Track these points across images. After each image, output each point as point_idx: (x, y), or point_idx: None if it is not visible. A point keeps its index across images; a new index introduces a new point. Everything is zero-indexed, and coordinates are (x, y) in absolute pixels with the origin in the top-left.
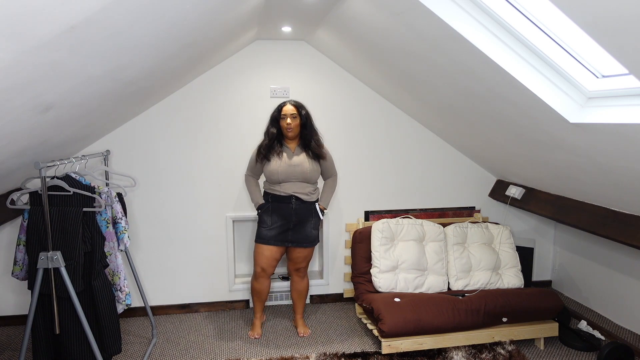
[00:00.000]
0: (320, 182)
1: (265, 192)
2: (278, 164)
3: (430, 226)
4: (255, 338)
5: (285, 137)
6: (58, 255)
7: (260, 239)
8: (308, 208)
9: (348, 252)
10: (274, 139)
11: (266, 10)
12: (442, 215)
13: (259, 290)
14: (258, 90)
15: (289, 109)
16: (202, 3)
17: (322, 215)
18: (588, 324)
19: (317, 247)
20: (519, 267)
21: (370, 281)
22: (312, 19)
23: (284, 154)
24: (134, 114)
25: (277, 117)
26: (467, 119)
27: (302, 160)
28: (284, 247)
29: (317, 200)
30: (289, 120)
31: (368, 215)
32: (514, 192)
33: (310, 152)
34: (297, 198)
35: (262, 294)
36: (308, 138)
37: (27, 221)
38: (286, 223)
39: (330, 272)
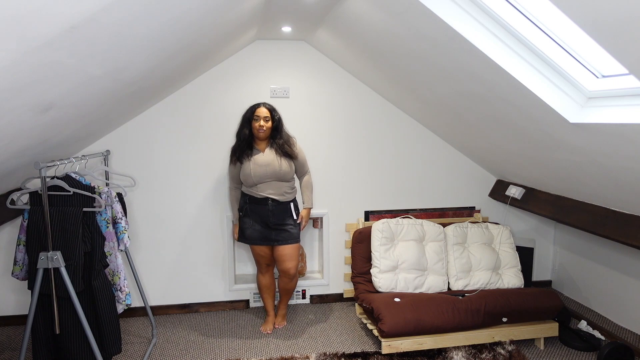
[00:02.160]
0: (297, 182)
1: (243, 192)
2: (250, 166)
3: (430, 226)
4: (267, 333)
5: (256, 138)
6: (58, 255)
7: (244, 238)
8: (284, 208)
9: (348, 252)
10: (245, 140)
11: (266, 10)
12: (442, 215)
13: (265, 284)
14: (258, 90)
15: (262, 111)
16: (202, 3)
17: (297, 216)
18: (588, 324)
19: (317, 247)
20: (519, 267)
21: (370, 281)
22: (312, 19)
23: (254, 156)
24: (134, 114)
25: (250, 118)
26: (467, 119)
27: (272, 159)
28: (270, 246)
29: (292, 201)
30: (262, 123)
31: (368, 215)
32: (514, 192)
33: (279, 151)
34: (273, 200)
35: (269, 289)
36: (278, 138)
37: (27, 221)
38: (266, 224)
39: (330, 272)
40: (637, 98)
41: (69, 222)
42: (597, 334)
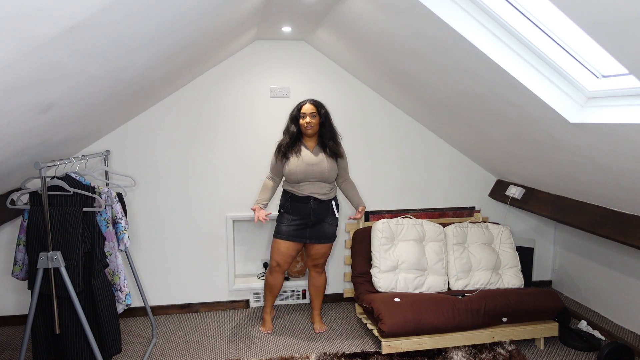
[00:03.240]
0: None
1: (284, 190)
2: (296, 163)
3: (430, 226)
4: (267, 333)
5: (304, 135)
6: (58, 255)
7: (279, 234)
8: (325, 207)
9: (348, 252)
10: (294, 138)
11: (266, 10)
12: (442, 215)
13: (272, 284)
14: (258, 90)
15: (308, 107)
16: (202, 3)
17: (338, 212)
18: (588, 324)
19: None
20: (519, 267)
21: (370, 281)
22: (312, 19)
23: (302, 153)
24: (134, 114)
25: (296, 115)
26: (467, 119)
27: (320, 159)
28: (301, 243)
29: (333, 199)
30: (308, 119)
31: (368, 215)
32: (514, 192)
33: (327, 151)
34: (315, 198)
35: (274, 289)
36: (327, 137)
37: (27, 221)
38: (305, 221)
39: (330, 272)
40: (637, 98)
41: (69, 222)
42: (597, 334)
